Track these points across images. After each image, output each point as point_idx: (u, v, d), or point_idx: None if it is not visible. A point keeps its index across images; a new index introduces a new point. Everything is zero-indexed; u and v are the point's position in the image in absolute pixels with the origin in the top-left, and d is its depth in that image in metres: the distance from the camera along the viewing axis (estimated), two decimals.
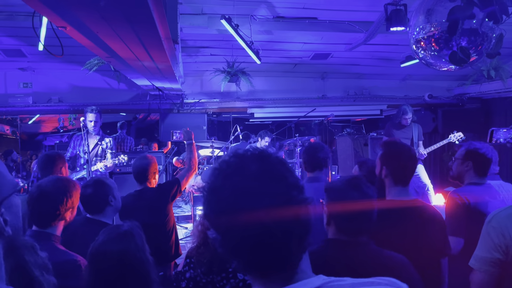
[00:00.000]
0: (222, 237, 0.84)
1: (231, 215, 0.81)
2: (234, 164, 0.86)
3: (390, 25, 4.45)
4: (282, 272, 0.85)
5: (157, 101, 6.92)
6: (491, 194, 2.65)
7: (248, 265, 0.85)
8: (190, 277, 2.05)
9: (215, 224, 0.85)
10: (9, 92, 6.65)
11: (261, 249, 0.82)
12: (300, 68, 7.21)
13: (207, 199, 0.86)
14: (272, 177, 0.84)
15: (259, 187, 0.82)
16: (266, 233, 0.81)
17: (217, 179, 0.86)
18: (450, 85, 7.78)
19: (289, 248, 0.83)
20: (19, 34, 5.35)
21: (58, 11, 2.14)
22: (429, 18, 3.39)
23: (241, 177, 0.83)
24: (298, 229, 0.84)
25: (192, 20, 5.01)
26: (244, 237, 0.81)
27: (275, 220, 0.81)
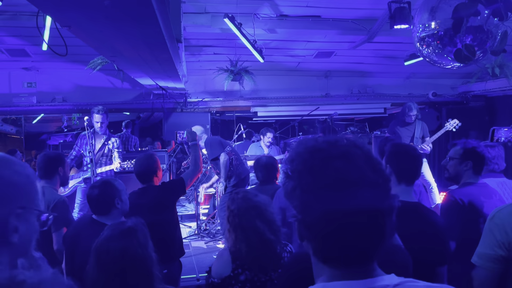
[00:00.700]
0: (317, 221, 0.82)
1: (329, 199, 0.80)
2: (335, 149, 0.85)
3: (394, 23, 4.44)
4: (364, 265, 0.85)
5: (161, 100, 6.92)
6: (486, 194, 2.61)
7: (337, 252, 0.83)
8: (246, 279, 2.02)
9: (307, 205, 0.83)
10: (13, 91, 6.68)
11: (357, 238, 0.81)
12: (303, 66, 7.20)
13: (303, 180, 0.84)
14: (370, 166, 0.84)
15: (359, 175, 0.82)
16: (365, 220, 0.80)
17: (316, 161, 0.84)
18: (454, 83, 7.74)
19: (379, 239, 0.83)
20: (23, 34, 5.37)
21: (62, 10, 2.14)
22: (433, 15, 3.38)
23: (343, 163, 0.83)
24: (390, 222, 0.84)
25: (195, 19, 5.01)
26: (342, 224, 0.80)
27: (373, 209, 0.81)
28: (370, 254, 0.85)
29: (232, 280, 2.01)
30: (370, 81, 7.70)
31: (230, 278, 2.02)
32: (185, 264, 4.56)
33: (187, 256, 4.90)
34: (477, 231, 2.47)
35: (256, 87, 6.98)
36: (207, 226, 6.25)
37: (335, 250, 0.84)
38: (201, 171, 3.81)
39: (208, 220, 6.35)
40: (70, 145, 6.97)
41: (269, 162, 3.93)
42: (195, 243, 5.71)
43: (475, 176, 2.68)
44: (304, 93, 7.46)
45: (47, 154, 3.27)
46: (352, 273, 0.84)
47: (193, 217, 6.99)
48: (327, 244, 0.84)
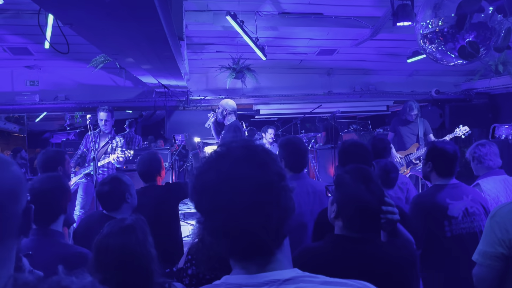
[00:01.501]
0: (205, 218, 0.89)
1: (213, 197, 0.86)
2: (220, 151, 0.91)
3: (397, 20, 4.42)
4: (259, 257, 0.88)
5: (163, 99, 6.92)
6: (455, 195, 2.55)
7: (228, 247, 0.88)
8: (192, 274, 2.05)
9: (199, 207, 0.90)
10: (16, 90, 6.69)
11: (240, 230, 0.85)
12: (305, 64, 7.18)
13: (193, 184, 0.92)
14: (255, 163, 0.88)
15: (241, 171, 0.86)
16: (246, 215, 0.84)
17: (204, 165, 0.91)
18: (457, 80, 7.71)
19: (266, 232, 0.86)
20: (26, 32, 5.37)
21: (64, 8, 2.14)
22: (436, 12, 3.36)
23: (225, 162, 0.88)
24: (277, 213, 0.87)
25: (197, 16, 5.01)
26: (224, 218, 0.85)
27: (254, 202, 0.84)
28: (262, 244, 0.87)
29: (184, 272, 2.06)
30: (372, 79, 7.67)
31: (182, 270, 2.07)
32: None
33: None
34: (442, 234, 2.46)
35: (258, 85, 6.97)
36: None
37: (228, 245, 0.88)
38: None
39: None
40: (73, 143, 6.98)
41: None
42: None
43: (441, 177, 2.60)
44: (306, 91, 7.44)
45: (47, 152, 3.24)
46: (249, 266, 0.89)
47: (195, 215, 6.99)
48: (220, 239, 0.89)
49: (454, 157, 2.58)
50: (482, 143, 3.20)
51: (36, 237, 2.07)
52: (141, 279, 1.72)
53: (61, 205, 2.13)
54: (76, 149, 5.56)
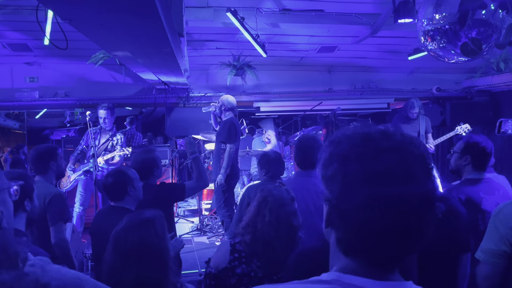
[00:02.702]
0: (353, 208, 0.78)
1: (373, 190, 0.76)
2: (390, 141, 0.81)
3: (398, 17, 4.40)
4: (393, 264, 0.81)
5: (163, 95, 6.90)
6: (488, 190, 2.58)
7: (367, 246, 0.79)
8: (242, 273, 2.01)
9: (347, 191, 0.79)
10: (15, 86, 6.66)
11: (392, 235, 0.77)
12: (306, 61, 7.16)
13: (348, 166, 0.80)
14: (423, 166, 0.80)
15: (411, 173, 0.78)
16: (404, 220, 0.77)
17: (368, 149, 0.80)
18: (458, 78, 7.68)
19: (412, 244, 0.79)
20: (25, 28, 5.35)
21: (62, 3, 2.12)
22: (438, 9, 3.33)
23: (398, 157, 0.78)
24: (427, 228, 0.79)
25: (198, 13, 4.98)
26: (381, 217, 0.76)
27: (417, 209, 0.77)
28: (396, 258, 0.81)
29: (229, 272, 2.01)
30: (373, 76, 7.65)
31: (226, 269, 2.02)
32: (187, 259, 4.57)
33: (189, 251, 4.90)
34: (475, 227, 2.47)
35: (259, 82, 6.95)
36: (210, 221, 6.25)
37: (362, 244, 0.79)
38: (207, 185, 3.49)
39: (211, 215, 6.35)
40: (72, 140, 6.97)
41: (278, 158, 3.84)
42: (198, 238, 5.72)
43: (476, 171, 2.65)
44: (307, 88, 7.42)
45: (38, 148, 3.19)
46: (371, 272, 0.80)
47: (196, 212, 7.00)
48: (357, 235, 0.79)
49: (491, 153, 2.66)
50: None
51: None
52: (159, 273, 1.72)
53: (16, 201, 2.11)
54: (76, 146, 5.56)
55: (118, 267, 1.70)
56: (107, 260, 1.76)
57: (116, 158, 5.16)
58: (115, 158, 5.15)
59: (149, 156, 3.31)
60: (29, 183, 2.17)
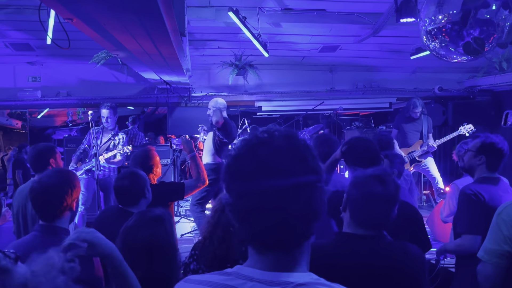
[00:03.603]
0: (234, 201, 0.88)
1: (246, 181, 0.85)
2: (261, 137, 0.90)
3: (400, 17, 4.39)
4: (279, 251, 0.86)
5: (165, 95, 6.91)
6: (504, 189, 2.59)
7: (252, 232, 0.87)
8: (194, 269, 2.08)
9: (230, 188, 0.90)
10: (18, 86, 6.68)
11: (268, 219, 0.84)
12: (308, 61, 7.15)
13: (228, 164, 0.91)
14: (294, 155, 0.87)
15: (279, 162, 0.85)
16: (276, 204, 0.84)
17: (242, 148, 0.90)
18: (460, 77, 7.67)
19: (294, 227, 0.85)
20: (27, 28, 5.36)
21: (64, 3, 2.12)
22: (440, 8, 3.33)
23: (265, 149, 0.87)
24: (307, 211, 0.86)
25: (200, 12, 4.98)
26: (254, 202, 0.84)
27: (287, 196, 0.84)
28: (287, 239, 0.86)
29: (187, 268, 2.09)
30: (375, 76, 7.64)
31: (185, 265, 2.10)
32: None
33: None
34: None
35: (261, 81, 6.95)
36: None
37: (248, 232, 0.87)
38: (206, 183, 3.47)
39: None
40: (75, 140, 6.98)
41: None
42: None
43: (489, 172, 2.62)
44: (309, 88, 7.42)
45: (37, 147, 3.17)
46: (265, 262, 0.87)
47: None
48: (243, 224, 0.88)
49: (507, 154, 2.62)
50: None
51: (39, 233, 2.03)
52: (168, 270, 1.74)
53: (66, 200, 2.07)
54: (78, 145, 5.57)
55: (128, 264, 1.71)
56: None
57: (117, 157, 5.17)
58: (117, 157, 5.16)
59: (147, 155, 3.29)
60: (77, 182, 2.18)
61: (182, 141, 3.58)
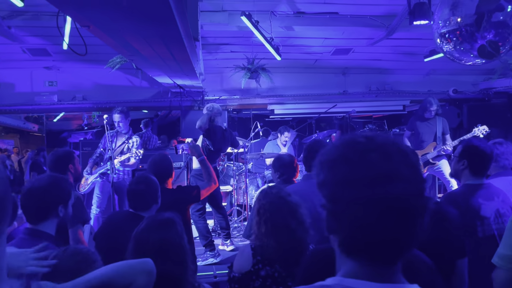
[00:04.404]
0: (344, 209, 0.82)
1: (364, 189, 0.80)
2: (372, 143, 0.85)
3: (414, 19, 4.36)
4: (387, 265, 0.83)
5: (178, 99, 6.97)
6: (487, 196, 2.49)
7: (365, 244, 0.82)
8: (267, 275, 2.05)
9: (337, 195, 0.83)
10: (35, 90, 6.82)
11: (389, 231, 0.80)
12: (320, 63, 7.15)
13: (337, 170, 0.84)
14: (406, 162, 0.83)
15: (396, 169, 0.81)
16: (395, 215, 0.80)
17: (353, 152, 0.84)
18: (475, 79, 7.57)
19: (408, 238, 0.82)
20: (44, 33, 5.47)
21: (81, 10, 2.17)
22: (454, 11, 3.30)
23: (378, 156, 0.82)
24: (419, 223, 0.82)
25: (213, 17, 5.03)
26: (374, 214, 0.80)
27: (409, 206, 0.80)
28: (395, 252, 0.83)
29: (253, 275, 2.05)
30: (388, 78, 7.60)
31: (250, 273, 2.05)
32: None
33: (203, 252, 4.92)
34: (474, 234, 2.40)
35: (273, 84, 6.97)
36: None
37: (360, 242, 0.82)
38: (216, 185, 3.56)
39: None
40: (90, 143, 7.08)
41: (292, 161, 3.86)
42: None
43: (474, 176, 2.54)
44: (321, 91, 7.41)
45: (56, 152, 3.22)
46: (373, 273, 0.83)
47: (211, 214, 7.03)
48: (354, 235, 0.82)
49: (490, 157, 2.53)
50: (500, 142, 3.12)
51: (24, 236, 2.01)
52: (179, 271, 1.77)
53: (50, 205, 2.05)
54: (93, 148, 5.65)
55: None
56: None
57: (131, 160, 5.23)
58: (131, 160, 5.22)
59: (166, 160, 3.35)
60: (66, 189, 2.16)
61: (189, 146, 3.62)
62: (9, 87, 6.67)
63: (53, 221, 2.10)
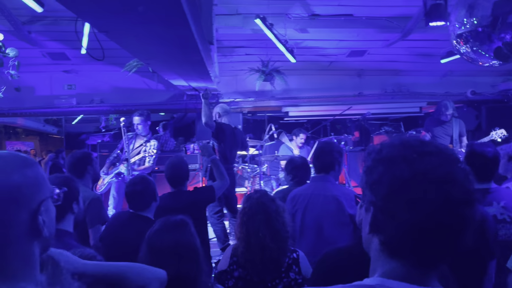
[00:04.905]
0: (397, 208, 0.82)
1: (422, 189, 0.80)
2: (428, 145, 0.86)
3: (430, 20, 4.33)
4: (430, 267, 0.84)
5: (194, 101, 7.03)
6: (486, 201, 2.46)
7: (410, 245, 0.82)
8: (239, 276, 2.09)
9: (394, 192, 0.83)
10: (54, 93, 6.97)
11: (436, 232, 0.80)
12: (335, 65, 7.12)
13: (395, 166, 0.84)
14: (464, 171, 0.84)
15: (454, 173, 0.82)
16: (449, 218, 0.80)
17: (412, 152, 0.84)
18: (494, 80, 7.44)
19: (456, 243, 0.82)
20: (63, 38, 5.59)
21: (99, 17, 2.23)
22: (471, 12, 3.27)
23: (438, 158, 0.83)
24: (469, 228, 0.83)
25: (227, 20, 5.07)
26: (426, 214, 0.79)
27: (461, 209, 0.81)
28: (440, 257, 0.83)
29: (228, 275, 2.11)
30: (404, 80, 7.51)
31: (226, 272, 2.12)
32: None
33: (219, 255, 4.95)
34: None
35: (288, 87, 6.97)
36: None
37: (408, 243, 0.82)
38: (228, 183, 3.60)
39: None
40: (107, 145, 7.20)
41: (305, 163, 3.84)
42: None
43: (479, 182, 2.49)
44: (336, 93, 7.37)
45: (75, 154, 3.31)
46: (414, 276, 0.82)
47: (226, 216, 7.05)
48: (403, 235, 0.82)
49: (493, 161, 2.49)
50: None
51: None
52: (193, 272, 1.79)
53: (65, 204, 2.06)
54: (111, 150, 5.75)
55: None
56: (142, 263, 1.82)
57: (146, 163, 5.29)
58: (146, 163, 5.28)
59: (183, 162, 3.40)
60: (76, 187, 2.24)
61: (201, 147, 3.65)
62: (29, 91, 6.82)
63: (70, 218, 2.19)
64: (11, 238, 0.85)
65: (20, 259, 0.87)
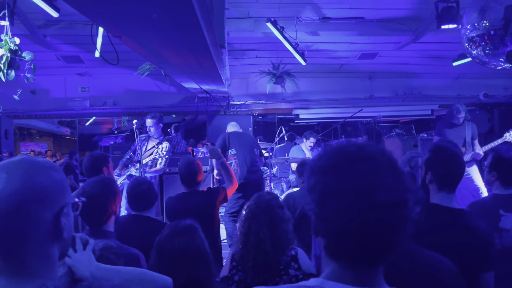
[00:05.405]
0: (330, 215, 0.86)
1: (350, 196, 0.84)
2: (362, 152, 0.89)
3: (441, 23, 4.32)
4: (368, 268, 0.87)
5: (205, 104, 7.09)
6: (510, 207, 2.42)
7: (348, 250, 0.86)
8: (239, 280, 2.10)
9: (326, 202, 0.87)
10: (68, 96, 7.09)
11: (373, 238, 0.84)
12: (346, 68, 7.12)
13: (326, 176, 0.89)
14: (396, 174, 0.87)
15: (381, 179, 0.85)
16: (384, 225, 0.84)
17: (342, 161, 0.89)
18: (507, 83, 7.35)
19: (388, 245, 0.86)
20: (78, 41, 5.70)
21: (113, 22, 2.28)
22: (483, 15, 3.26)
23: (368, 164, 0.86)
24: (401, 230, 0.86)
25: (239, 24, 5.11)
26: (353, 220, 0.84)
27: (388, 213, 0.84)
28: (376, 257, 0.87)
29: (229, 280, 2.12)
30: (416, 82, 7.48)
31: (227, 278, 2.13)
32: None
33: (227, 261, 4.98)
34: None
35: (298, 89, 6.98)
36: None
37: (343, 246, 0.87)
38: (236, 185, 3.67)
39: None
40: (120, 147, 7.29)
41: None
42: None
43: (504, 187, 2.48)
44: (347, 95, 7.37)
45: (92, 155, 3.43)
46: (353, 276, 0.86)
47: None
48: (338, 238, 0.87)
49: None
50: None
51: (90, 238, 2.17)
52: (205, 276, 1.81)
53: (111, 206, 2.19)
54: (123, 152, 5.84)
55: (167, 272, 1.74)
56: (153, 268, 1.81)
57: (158, 165, 5.35)
58: (158, 165, 5.34)
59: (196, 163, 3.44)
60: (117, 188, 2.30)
61: (209, 150, 3.70)
62: (44, 93, 6.94)
63: (112, 219, 2.22)
64: (34, 236, 0.90)
65: (41, 258, 0.91)
